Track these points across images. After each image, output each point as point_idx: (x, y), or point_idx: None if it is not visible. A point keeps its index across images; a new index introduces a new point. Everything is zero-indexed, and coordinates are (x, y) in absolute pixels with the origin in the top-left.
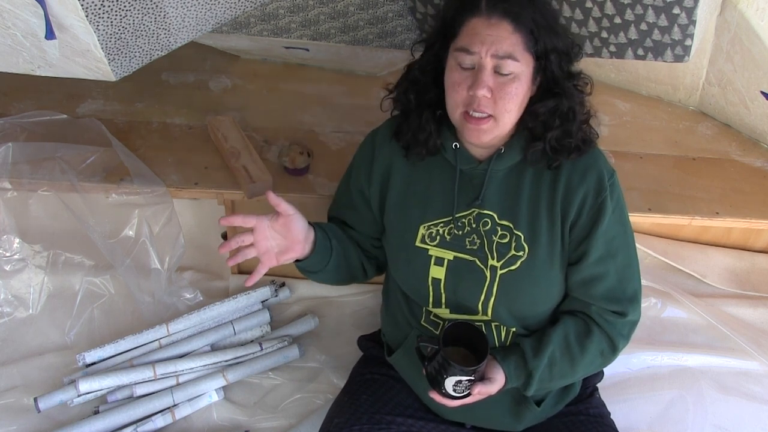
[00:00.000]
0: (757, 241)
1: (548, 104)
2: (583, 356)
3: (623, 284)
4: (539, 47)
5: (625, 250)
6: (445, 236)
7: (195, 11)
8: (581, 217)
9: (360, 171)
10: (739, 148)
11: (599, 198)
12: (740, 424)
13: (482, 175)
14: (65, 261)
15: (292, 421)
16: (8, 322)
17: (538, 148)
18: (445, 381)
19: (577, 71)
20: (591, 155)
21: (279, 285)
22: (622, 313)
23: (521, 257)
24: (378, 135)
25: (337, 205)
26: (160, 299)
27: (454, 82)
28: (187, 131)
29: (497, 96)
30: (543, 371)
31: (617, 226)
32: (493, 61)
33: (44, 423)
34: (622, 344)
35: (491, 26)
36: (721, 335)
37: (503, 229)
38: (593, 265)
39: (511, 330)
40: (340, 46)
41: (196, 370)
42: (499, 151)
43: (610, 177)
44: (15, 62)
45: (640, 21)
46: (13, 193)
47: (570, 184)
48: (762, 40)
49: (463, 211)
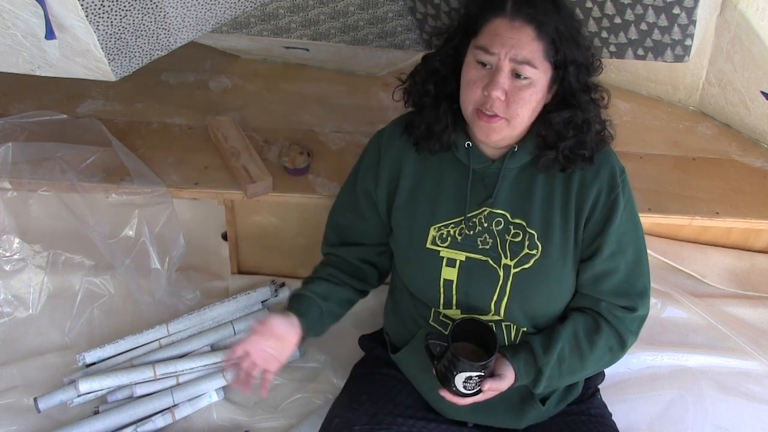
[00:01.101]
0: (757, 241)
1: (563, 115)
2: (593, 352)
3: (633, 279)
4: (559, 57)
5: (635, 245)
6: (456, 237)
7: (195, 11)
8: (595, 213)
9: (367, 173)
10: (739, 148)
11: (612, 194)
12: (740, 424)
13: (495, 174)
14: (65, 261)
15: (292, 421)
16: (8, 322)
17: (550, 156)
18: (455, 378)
19: (595, 84)
20: (603, 153)
21: (279, 285)
22: (632, 308)
23: (535, 255)
24: (384, 135)
25: (339, 211)
26: (160, 299)
27: (470, 79)
28: (187, 131)
29: (511, 99)
30: (552, 368)
31: (628, 222)
32: (511, 64)
33: (44, 423)
34: (631, 340)
35: (514, 29)
36: (721, 335)
37: (516, 227)
38: (605, 260)
39: (522, 329)
40: (340, 46)
41: (196, 370)
42: (513, 150)
43: (621, 173)
44: (15, 62)
45: (640, 21)
46: (13, 193)
47: (584, 181)
48: (762, 40)
49: (474, 210)
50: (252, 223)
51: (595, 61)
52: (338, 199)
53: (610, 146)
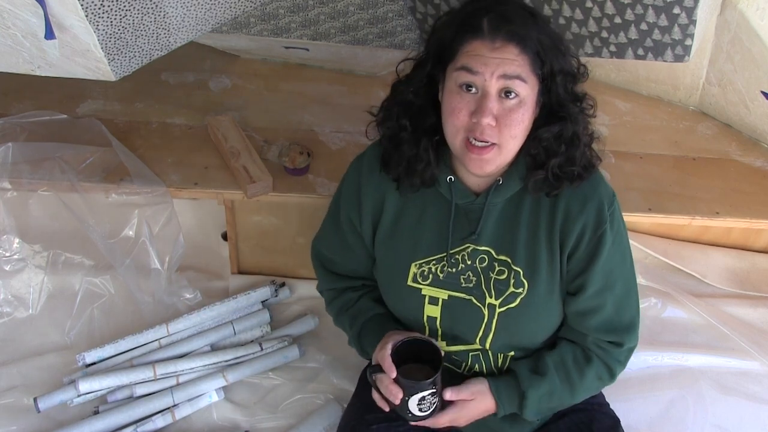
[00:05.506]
0: (757, 241)
1: (552, 129)
2: (582, 381)
3: (620, 314)
4: (546, 69)
5: (623, 280)
6: (438, 274)
7: (195, 11)
8: (579, 249)
9: (349, 204)
10: (739, 148)
11: (598, 231)
12: (740, 424)
13: (479, 210)
14: (65, 261)
15: (292, 421)
16: (8, 322)
17: (540, 176)
18: (408, 404)
19: (582, 93)
20: (591, 181)
21: (279, 285)
22: (619, 343)
23: (521, 294)
24: (364, 163)
25: (325, 247)
26: (160, 299)
27: (454, 107)
28: (187, 131)
29: (502, 124)
30: (539, 392)
31: (616, 257)
32: (499, 83)
33: (44, 423)
34: (619, 370)
35: (496, 50)
36: (721, 335)
37: (501, 264)
38: (590, 298)
39: (508, 355)
40: (340, 46)
41: (196, 370)
42: (497, 183)
43: (610, 205)
44: (15, 62)
45: (640, 21)
46: (13, 193)
47: (569, 213)
48: (762, 40)
49: (457, 246)
50: (252, 223)
51: (581, 66)
52: (321, 235)
53: (599, 172)
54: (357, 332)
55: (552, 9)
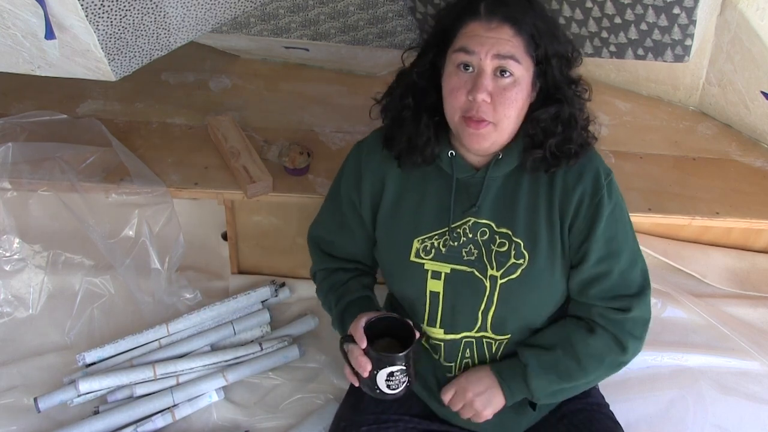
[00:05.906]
0: (757, 241)
1: (550, 111)
2: (589, 356)
3: (626, 281)
4: (540, 52)
5: (627, 249)
6: (440, 248)
7: (195, 11)
8: (578, 218)
9: (349, 185)
10: (739, 148)
11: (596, 197)
12: (740, 424)
13: (479, 183)
14: (65, 261)
15: (292, 421)
16: (8, 322)
17: (538, 155)
18: (377, 378)
19: (577, 77)
20: (588, 156)
21: (279, 285)
22: (626, 308)
23: (521, 265)
24: (364, 147)
25: (323, 230)
26: (160, 299)
27: (453, 87)
28: (187, 131)
29: (497, 101)
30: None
31: (617, 225)
32: (494, 62)
33: (44, 423)
34: (632, 343)
35: (491, 30)
36: (721, 335)
37: (502, 237)
38: (594, 266)
39: (505, 340)
40: (340, 46)
41: (196, 370)
42: (497, 157)
43: (606, 176)
44: (15, 62)
45: (640, 21)
46: (13, 193)
47: (566, 185)
48: (762, 40)
49: (459, 220)
50: (252, 223)
51: (575, 51)
52: (319, 220)
53: (595, 149)
54: (341, 311)
55: (552, 9)
